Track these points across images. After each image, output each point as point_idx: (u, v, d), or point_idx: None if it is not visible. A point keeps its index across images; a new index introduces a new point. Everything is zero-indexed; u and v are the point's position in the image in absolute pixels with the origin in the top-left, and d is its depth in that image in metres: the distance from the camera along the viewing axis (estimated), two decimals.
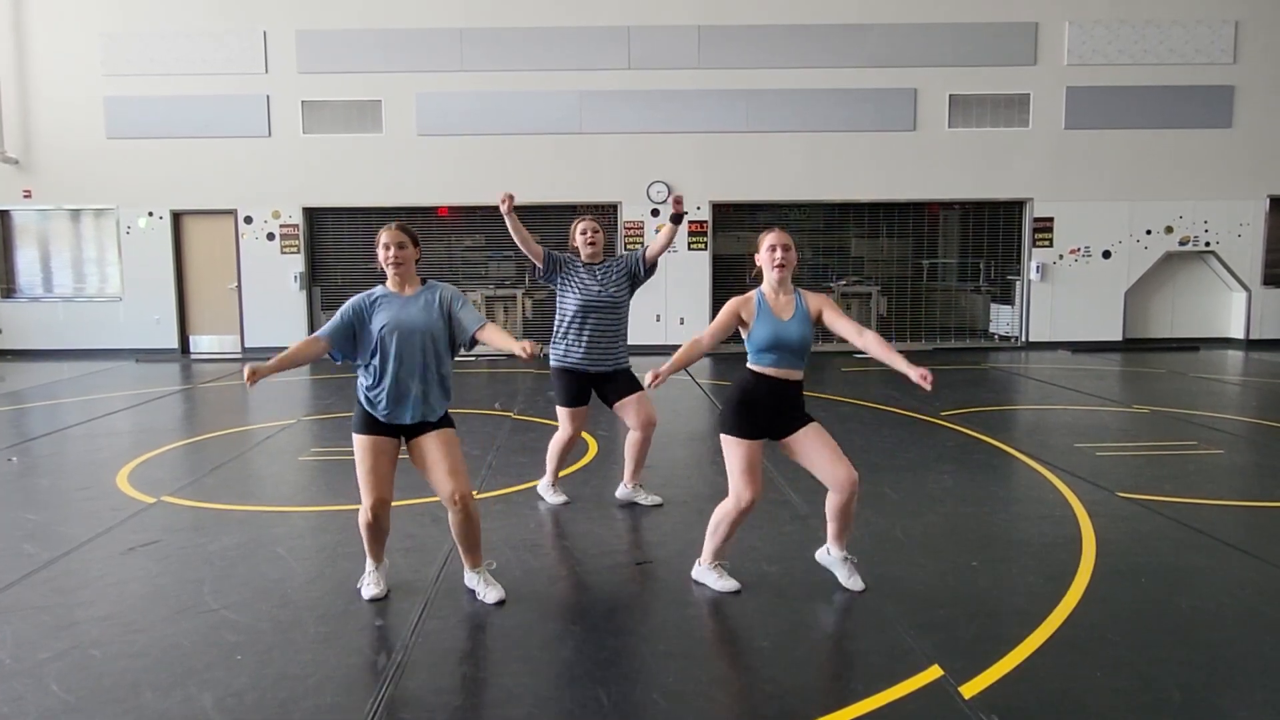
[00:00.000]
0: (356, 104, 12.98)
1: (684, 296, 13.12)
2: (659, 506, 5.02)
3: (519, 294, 13.58)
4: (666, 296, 12.82)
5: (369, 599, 3.68)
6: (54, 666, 3.11)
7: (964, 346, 13.75)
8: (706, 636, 3.41)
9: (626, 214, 13.07)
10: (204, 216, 13.21)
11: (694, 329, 13.27)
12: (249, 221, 13.12)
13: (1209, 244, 13.44)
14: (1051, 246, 13.45)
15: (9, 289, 13.43)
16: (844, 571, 3.78)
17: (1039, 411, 8.31)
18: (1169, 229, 13.40)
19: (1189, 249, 13.49)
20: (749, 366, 3.64)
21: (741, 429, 3.56)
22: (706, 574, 3.83)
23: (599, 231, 4.89)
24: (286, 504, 5.24)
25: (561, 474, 5.23)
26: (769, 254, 3.61)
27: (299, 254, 13.18)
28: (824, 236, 13.69)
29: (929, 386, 3.28)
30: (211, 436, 7.31)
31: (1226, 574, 3.95)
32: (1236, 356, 12.38)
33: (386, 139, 13.02)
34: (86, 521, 4.82)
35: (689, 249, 13.20)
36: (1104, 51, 13.12)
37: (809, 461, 3.62)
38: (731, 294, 4.22)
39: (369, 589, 3.71)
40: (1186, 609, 3.55)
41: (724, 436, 3.62)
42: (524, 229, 4.77)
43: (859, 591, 3.70)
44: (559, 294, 4.89)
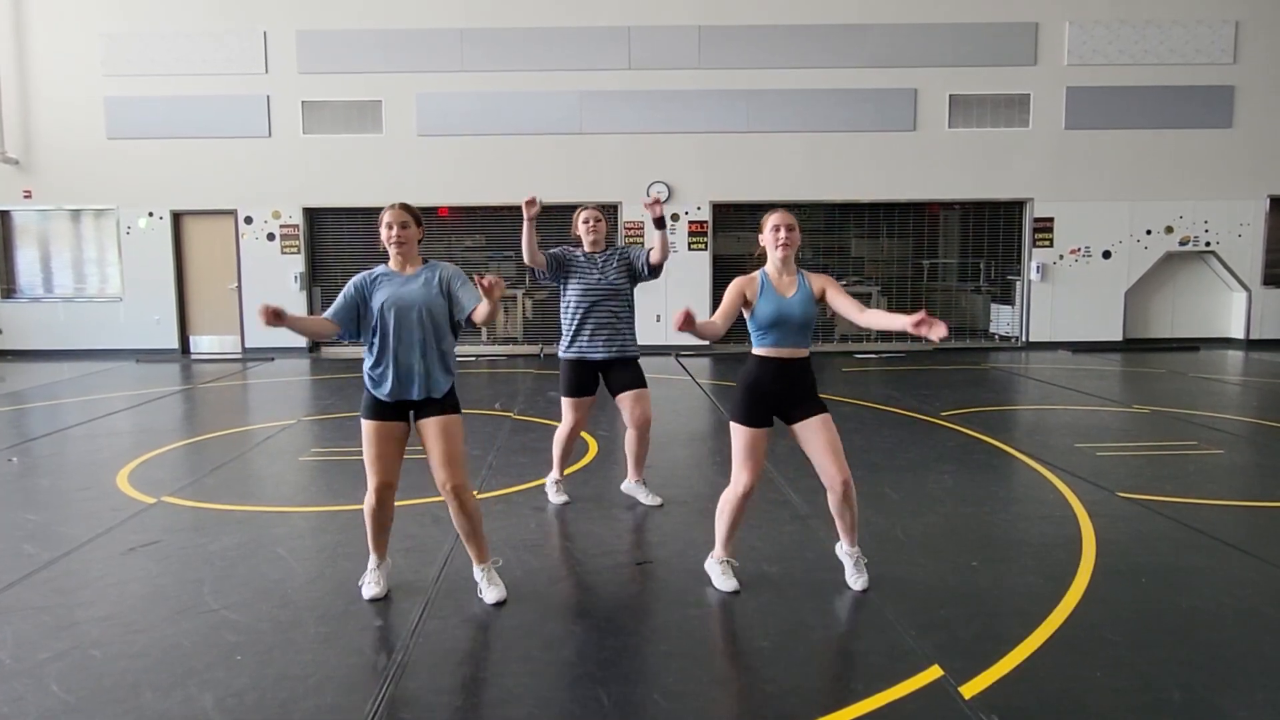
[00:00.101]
0: (357, 104, 12.99)
1: (684, 297, 13.03)
2: (659, 507, 5.03)
3: (519, 294, 13.59)
4: (667, 296, 12.81)
5: (369, 599, 3.68)
6: (54, 667, 3.11)
7: (964, 347, 13.75)
8: (707, 636, 3.41)
9: (627, 214, 13.07)
10: (204, 217, 13.22)
11: None
12: (249, 222, 13.13)
13: (1209, 244, 13.44)
14: (1052, 246, 13.45)
15: (9, 289, 13.43)
16: (850, 568, 3.79)
17: (1039, 411, 8.31)
18: (1169, 229, 13.40)
19: (1189, 249, 13.49)
20: (753, 352, 3.67)
21: (745, 416, 3.61)
22: (713, 568, 3.86)
23: (600, 220, 4.95)
24: (287, 504, 5.24)
25: (565, 472, 5.24)
26: (773, 234, 3.65)
27: (299, 254, 13.19)
28: (824, 236, 13.69)
29: (934, 334, 3.16)
30: (212, 437, 7.31)
31: (1226, 574, 3.95)
32: (1237, 356, 12.38)
33: (387, 139, 13.02)
34: (87, 522, 4.83)
35: (689, 249, 13.21)
36: (1104, 51, 13.12)
37: (809, 451, 3.67)
38: None
39: (369, 589, 3.71)
40: (1186, 609, 3.55)
41: (731, 424, 3.68)
42: (536, 238, 4.78)
43: (860, 591, 3.71)
44: (562, 290, 4.92)
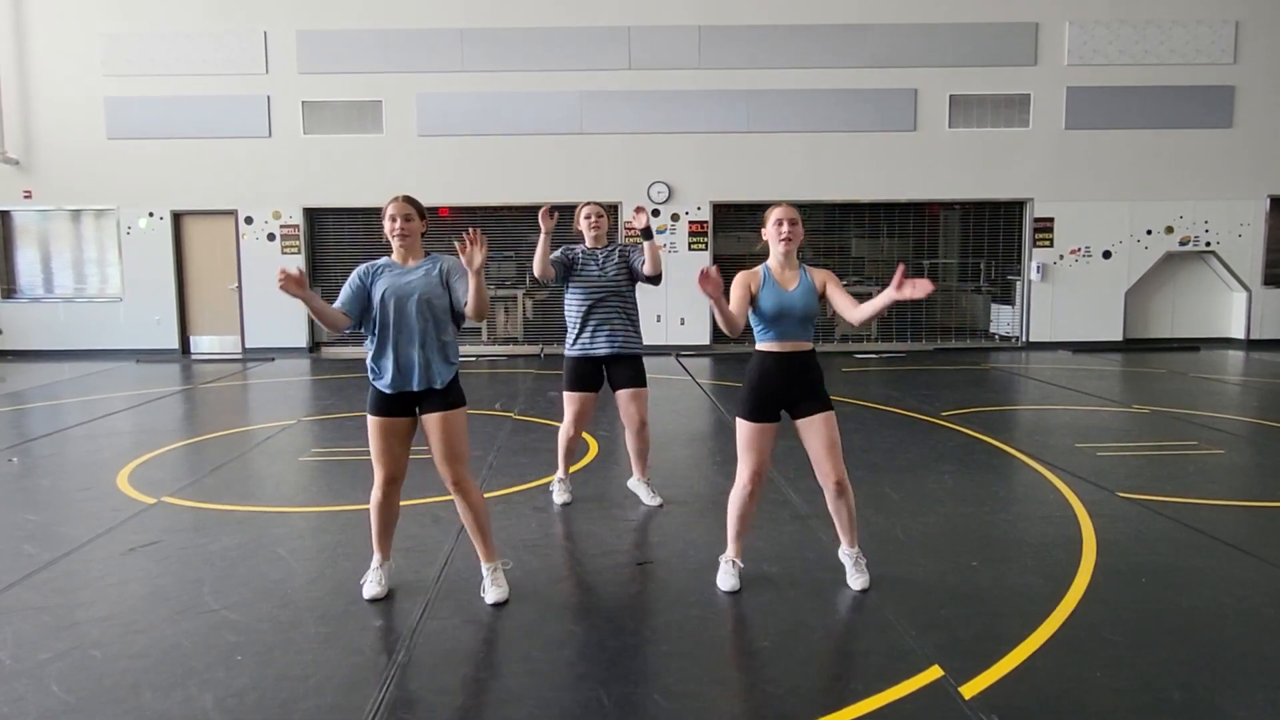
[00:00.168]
0: (357, 104, 12.99)
1: (684, 297, 13.09)
2: (660, 507, 5.04)
3: (519, 294, 13.60)
4: (667, 297, 12.81)
5: (369, 599, 3.68)
6: (54, 667, 3.11)
7: (964, 347, 13.75)
8: (707, 636, 3.40)
9: (627, 214, 13.06)
10: (204, 217, 13.22)
11: (695, 329, 13.28)
12: (249, 222, 13.13)
13: (1209, 244, 13.44)
14: (1052, 247, 13.45)
15: (10, 290, 13.43)
16: (851, 569, 3.80)
17: (1039, 411, 8.31)
18: (1169, 229, 13.40)
19: (1189, 249, 13.49)
20: (757, 348, 3.69)
21: (748, 412, 3.64)
22: (721, 565, 3.87)
23: (602, 216, 4.96)
24: (287, 504, 5.24)
25: (569, 470, 5.24)
26: (776, 227, 3.66)
27: (299, 254, 13.20)
28: (824, 237, 13.69)
29: (919, 292, 3.29)
30: (212, 437, 7.31)
31: (1226, 574, 3.94)
32: (1237, 356, 12.38)
33: (387, 139, 13.02)
34: (87, 522, 4.83)
35: (689, 249, 13.21)
36: (1104, 52, 13.12)
37: (808, 448, 3.69)
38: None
39: (370, 588, 3.71)
40: (1186, 609, 3.55)
41: (736, 419, 3.69)
42: (549, 253, 4.77)
43: (860, 591, 3.71)
44: (566, 290, 4.93)
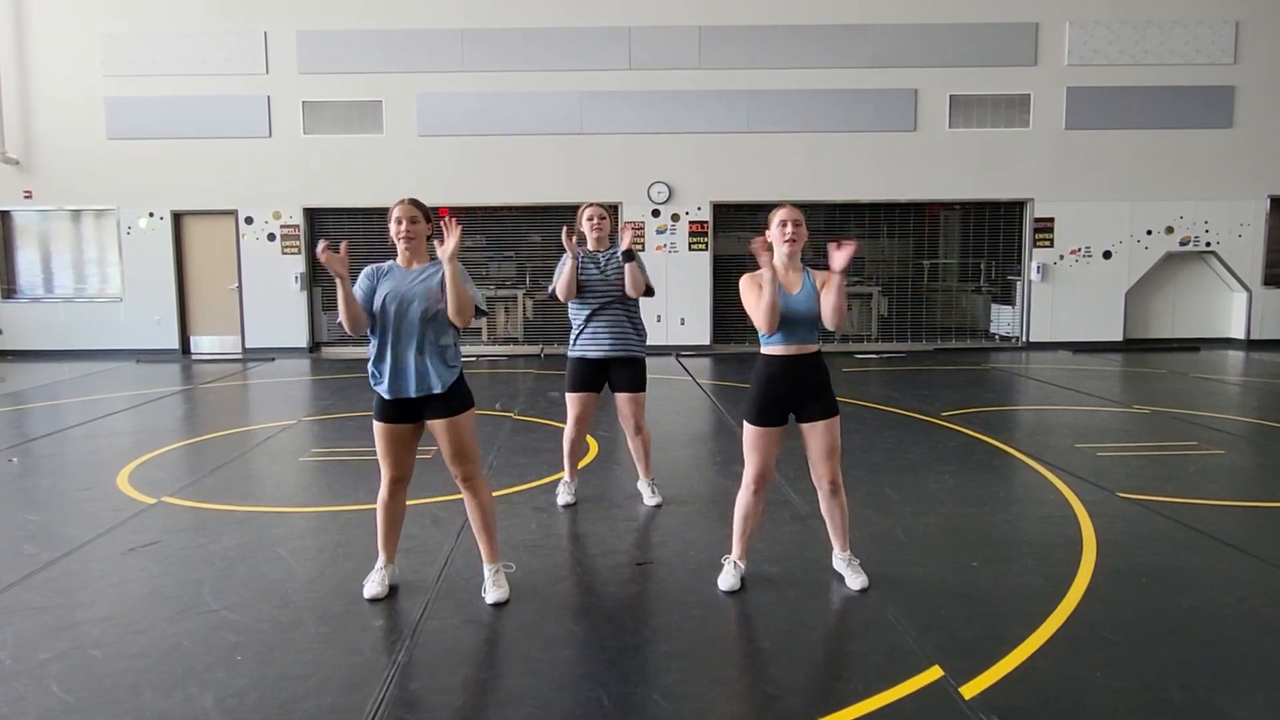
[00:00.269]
0: (357, 104, 12.99)
1: (685, 297, 13.11)
2: (659, 507, 5.04)
3: (519, 294, 13.60)
4: (667, 297, 12.82)
5: (369, 598, 3.68)
6: (54, 667, 3.11)
7: (964, 347, 13.75)
8: (707, 637, 3.40)
9: (627, 214, 13.05)
10: (205, 217, 13.22)
11: (695, 329, 13.28)
12: (250, 222, 13.13)
13: (1209, 244, 13.43)
14: (1052, 247, 13.44)
15: (10, 290, 13.43)
16: (847, 571, 3.81)
17: (1039, 412, 8.31)
18: (1169, 229, 13.40)
19: (1189, 249, 13.49)
20: (762, 352, 3.69)
21: (754, 416, 3.65)
22: (723, 565, 3.88)
23: (605, 218, 4.97)
24: (287, 505, 5.24)
25: (577, 467, 5.22)
26: (780, 229, 3.66)
27: (300, 254, 13.19)
28: (824, 237, 13.50)
29: (845, 253, 3.40)
30: (212, 437, 7.31)
31: (1227, 574, 3.94)
32: (1237, 357, 12.37)
33: (387, 139, 13.02)
34: (87, 522, 4.83)
35: (690, 249, 13.20)
36: (1104, 52, 13.12)
37: (808, 449, 3.71)
38: (733, 294, 4.21)
39: (371, 588, 3.71)
40: (1186, 609, 3.55)
41: (743, 423, 3.71)
42: (575, 277, 4.78)
43: (860, 591, 3.71)
44: None
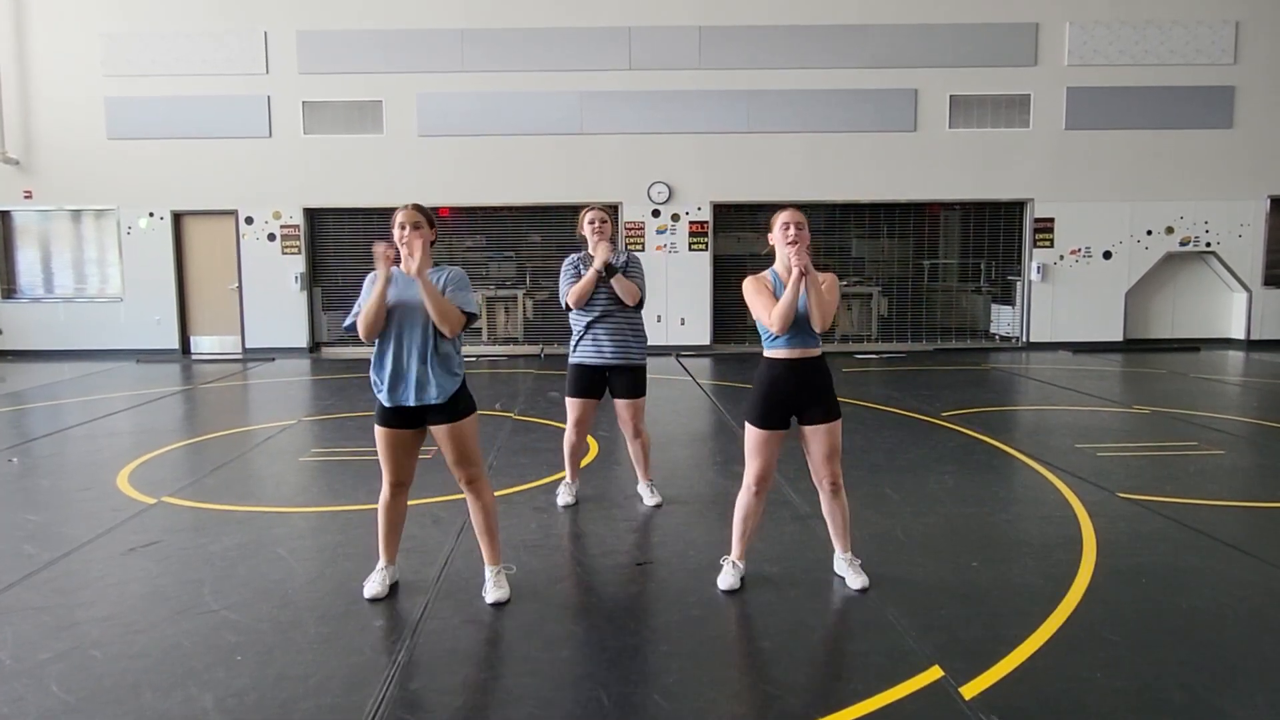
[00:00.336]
0: (357, 104, 12.99)
1: (685, 297, 13.11)
2: (658, 507, 5.04)
3: (519, 294, 13.60)
4: (667, 297, 12.83)
5: (369, 598, 3.68)
6: (54, 667, 3.11)
7: (965, 347, 13.75)
8: (707, 636, 3.40)
9: (627, 214, 13.06)
10: (205, 217, 13.22)
11: (695, 330, 13.28)
12: (250, 222, 13.13)
13: (1209, 244, 13.44)
14: (1052, 247, 13.44)
15: (10, 290, 13.44)
16: (848, 572, 3.81)
17: (1040, 412, 8.31)
18: (1169, 229, 13.40)
19: (1189, 249, 13.49)
20: (765, 355, 3.69)
21: (757, 418, 3.65)
22: (722, 565, 3.88)
23: (606, 221, 4.95)
24: (287, 505, 5.24)
25: (578, 468, 5.23)
26: (783, 231, 3.67)
27: (300, 254, 13.20)
28: (825, 237, 13.66)
29: (800, 246, 3.50)
30: (212, 437, 7.31)
31: (1227, 574, 3.94)
32: (1237, 357, 12.38)
33: (387, 139, 13.02)
34: (87, 522, 4.83)
35: (690, 249, 13.20)
36: (1104, 52, 13.12)
37: (809, 451, 3.72)
38: (733, 294, 4.22)
39: (371, 588, 3.72)
40: (1186, 609, 3.55)
41: (746, 424, 3.72)
42: (591, 287, 4.79)
43: (860, 591, 3.71)
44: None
